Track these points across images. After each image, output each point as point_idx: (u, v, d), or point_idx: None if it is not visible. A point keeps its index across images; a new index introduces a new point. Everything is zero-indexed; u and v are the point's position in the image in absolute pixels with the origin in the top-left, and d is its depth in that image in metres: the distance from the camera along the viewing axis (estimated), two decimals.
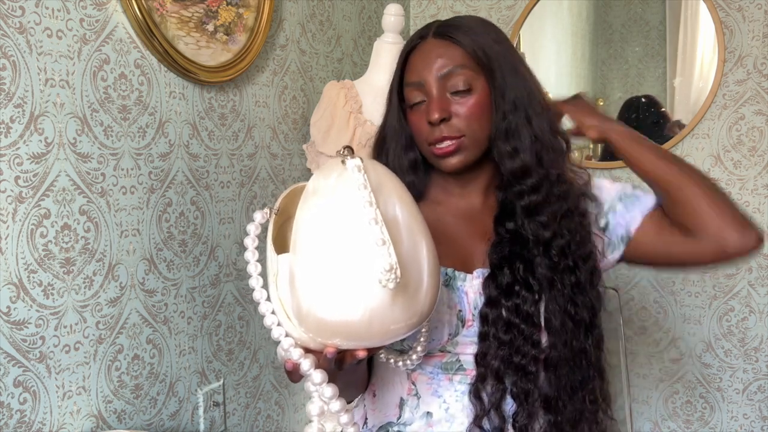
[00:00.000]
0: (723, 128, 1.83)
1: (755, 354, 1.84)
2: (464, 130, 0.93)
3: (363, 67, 1.85)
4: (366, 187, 0.69)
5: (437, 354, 0.95)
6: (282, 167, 1.60)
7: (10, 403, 0.99)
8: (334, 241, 0.69)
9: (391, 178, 0.76)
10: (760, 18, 1.77)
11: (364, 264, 0.67)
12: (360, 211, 0.68)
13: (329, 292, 0.68)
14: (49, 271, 1.04)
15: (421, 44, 0.97)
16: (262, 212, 0.77)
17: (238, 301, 1.46)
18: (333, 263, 0.68)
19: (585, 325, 0.94)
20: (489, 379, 0.90)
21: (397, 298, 0.68)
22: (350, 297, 0.68)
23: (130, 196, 1.18)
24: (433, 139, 0.93)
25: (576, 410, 0.93)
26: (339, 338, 0.70)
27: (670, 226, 0.97)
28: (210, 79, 1.33)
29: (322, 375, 0.71)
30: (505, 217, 0.95)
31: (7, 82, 0.98)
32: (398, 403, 0.98)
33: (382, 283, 0.65)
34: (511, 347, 0.90)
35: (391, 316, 0.69)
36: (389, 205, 0.72)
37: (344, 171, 0.71)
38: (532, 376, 0.90)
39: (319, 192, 0.71)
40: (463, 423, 0.93)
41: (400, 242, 0.70)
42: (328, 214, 0.70)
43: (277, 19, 1.55)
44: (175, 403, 1.30)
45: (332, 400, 0.72)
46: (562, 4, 2.03)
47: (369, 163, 0.74)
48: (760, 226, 0.94)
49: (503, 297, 0.91)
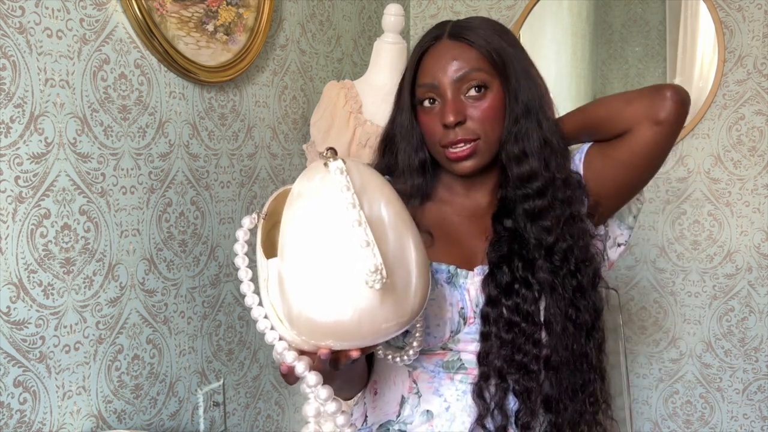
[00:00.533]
0: (723, 128, 1.83)
1: (755, 354, 1.84)
2: (479, 132, 0.93)
3: (363, 67, 1.85)
4: (349, 189, 0.69)
5: (438, 352, 0.95)
6: (282, 167, 1.60)
7: (10, 403, 0.99)
8: (320, 243, 0.69)
9: (376, 178, 0.77)
10: (760, 18, 1.77)
11: (350, 265, 0.68)
12: (343, 214, 0.69)
13: (318, 295, 0.69)
14: (49, 271, 1.04)
15: (435, 45, 0.96)
16: (250, 217, 0.78)
17: (238, 301, 1.46)
18: (320, 266, 0.69)
19: (587, 328, 0.93)
20: (492, 378, 0.90)
21: (385, 298, 0.69)
22: (339, 298, 0.68)
23: (130, 196, 1.18)
24: (448, 141, 0.93)
25: (576, 412, 0.93)
26: (331, 339, 0.71)
27: (608, 146, 0.96)
28: (210, 79, 1.33)
29: (317, 377, 0.72)
30: (503, 214, 0.95)
31: (7, 82, 0.98)
32: (399, 401, 0.98)
33: (369, 284, 0.66)
34: (513, 346, 0.90)
35: (381, 315, 0.70)
36: (374, 205, 0.72)
37: (327, 173, 0.72)
38: (533, 374, 0.90)
39: (303, 195, 0.72)
40: (464, 422, 0.93)
41: (386, 242, 0.71)
42: (313, 216, 0.70)
43: (277, 19, 1.55)
44: (175, 403, 1.30)
45: (328, 402, 0.72)
46: (562, 4, 2.03)
47: (352, 164, 0.74)
48: (670, 86, 0.93)
49: (503, 296, 0.91)
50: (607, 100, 0.97)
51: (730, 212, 1.84)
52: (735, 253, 1.84)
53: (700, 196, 1.87)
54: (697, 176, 1.87)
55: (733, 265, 1.85)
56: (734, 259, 1.85)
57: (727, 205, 1.85)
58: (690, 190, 1.88)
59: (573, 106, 1.05)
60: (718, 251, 1.86)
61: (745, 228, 1.83)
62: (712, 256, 1.87)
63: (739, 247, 1.84)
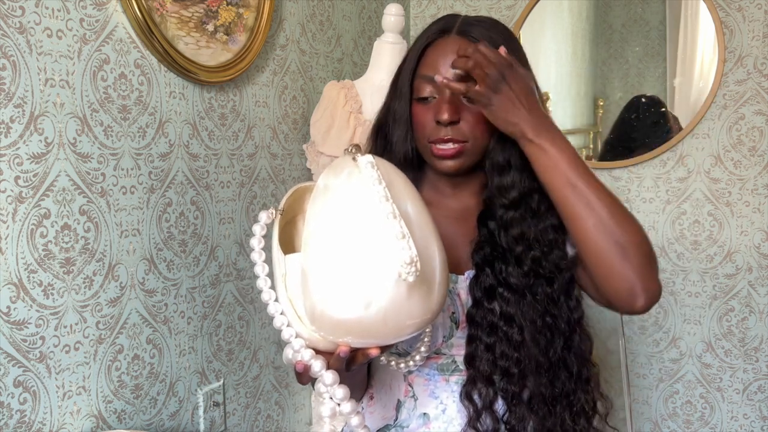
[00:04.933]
0: (723, 128, 1.83)
1: (755, 354, 1.84)
2: (468, 136, 0.92)
3: (363, 67, 1.85)
4: (381, 182, 0.68)
5: (433, 356, 0.95)
6: (282, 167, 1.60)
7: (10, 403, 0.99)
8: (348, 237, 0.68)
9: (398, 174, 0.76)
10: (760, 18, 1.77)
11: (380, 259, 0.66)
12: (376, 207, 0.67)
13: (344, 289, 0.67)
14: (49, 271, 1.04)
15: (441, 39, 0.94)
16: (267, 212, 0.77)
17: (238, 301, 1.46)
18: (348, 260, 0.68)
19: (564, 337, 0.92)
20: (478, 382, 0.90)
21: (413, 293, 0.68)
22: (366, 293, 0.67)
23: (130, 196, 1.18)
24: (437, 138, 0.92)
25: (557, 422, 0.91)
26: (352, 336, 0.70)
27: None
28: (210, 79, 1.33)
29: (334, 376, 0.71)
30: (488, 216, 0.95)
31: (7, 82, 0.98)
32: (395, 405, 0.98)
33: (403, 276, 0.65)
34: (495, 350, 0.89)
35: (408, 311, 0.68)
36: (400, 201, 0.71)
37: (355, 168, 0.71)
38: (515, 378, 0.89)
39: (330, 189, 0.71)
40: (461, 424, 0.93)
41: (414, 238, 0.69)
42: (341, 211, 0.69)
43: (277, 19, 1.55)
44: (175, 403, 1.30)
45: (344, 402, 0.72)
46: (562, 4, 2.03)
47: (378, 160, 0.73)
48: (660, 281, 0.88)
49: (485, 299, 0.90)
50: (601, 242, 0.84)
51: (730, 212, 1.84)
52: (735, 253, 1.84)
53: (700, 196, 1.87)
54: (697, 176, 1.87)
55: (733, 265, 1.85)
56: (734, 259, 1.85)
57: (727, 205, 1.85)
58: (690, 190, 1.88)
59: (573, 105, 1.05)
60: (718, 251, 1.86)
61: (745, 228, 1.83)
62: (712, 256, 1.87)
63: (739, 247, 1.84)
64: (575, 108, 2.03)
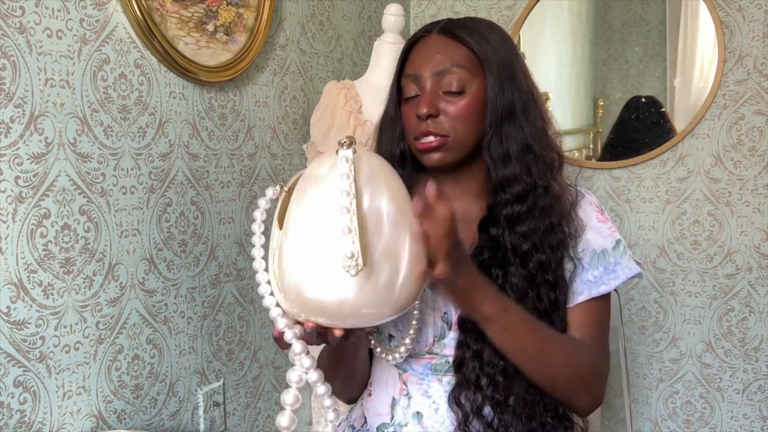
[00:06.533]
0: (723, 128, 1.83)
1: (755, 354, 1.84)
2: (448, 130, 0.92)
3: (363, 67, 1.85)
4: (348, 177, 0.72)
5: (426, 356, 0.96)
6: (282, 167, 1.60)
7: (10, 403, 0.99)
8: (316, 225, 0.73)
9: (387, 171, 0.78)
10: (760, 18, 1.77)
11: (332, 249, 0.71)
12: (336, 200, 0.71)
13: (307, 272, 0.72)
14: (49, 271, 1.04)
15: (424, 38, 0.97)
16: (273, 189, 0.82)
17: (238, 301, 1.46)
18: (312, 245, 0.72)
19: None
20: (465, 387, 0.91)
21: (364, 285, 0.71)
22: (324, 278, 0.72)
23: (130, 196, 1.18)
24: (419, 132, 0.93)
25: (539, 424, 0.92)
26: (317, 315, 0.74)
27: None
28: (210, 79, 1.33)
29: (302, 345, 0.76)
30: (489, 222, 0.95)
31: (7, 82, 0.98)
32: (390, 402, 0.99)
33: (344, 269, 0.69)
34: (483, 356, 0.90)
35: (362, 300, 0.72)
36: (377, 197, 0.74)
37: (336, 160, 0.74)
38: (500, 385, 0.90)
39: (311, 178, 0.76)
40: (453, 423, 0.93)
41: (380, 235, 0.72)
42: (315, 199, 0.74)
43: (277, 19, 1.55)
44: (175, 403, 1.30)
45: (310, 371, 0.76)
46: (562, 4, 2.03)
47: (365, 154, 0.76)
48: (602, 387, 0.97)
49: None
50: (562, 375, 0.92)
51: (730, 212, 1.84)
52: (735, 253, 1.84)
53: (700, 196, 1.87)
54: (697, 176, 1.87)
55: (733, 265, 1.85)
56: (734, 259, 1.85)
57: (727, 205, 1.85)
58: (690, 190, 1.88)
59: (573, 105, 1.05)
60: (718, 251, 1.86)
61: (745, 228, 1.83)
62: (712, 256, 1.87)
63: (739, 247, 1.84)
64: (575, 108, 2.03)
